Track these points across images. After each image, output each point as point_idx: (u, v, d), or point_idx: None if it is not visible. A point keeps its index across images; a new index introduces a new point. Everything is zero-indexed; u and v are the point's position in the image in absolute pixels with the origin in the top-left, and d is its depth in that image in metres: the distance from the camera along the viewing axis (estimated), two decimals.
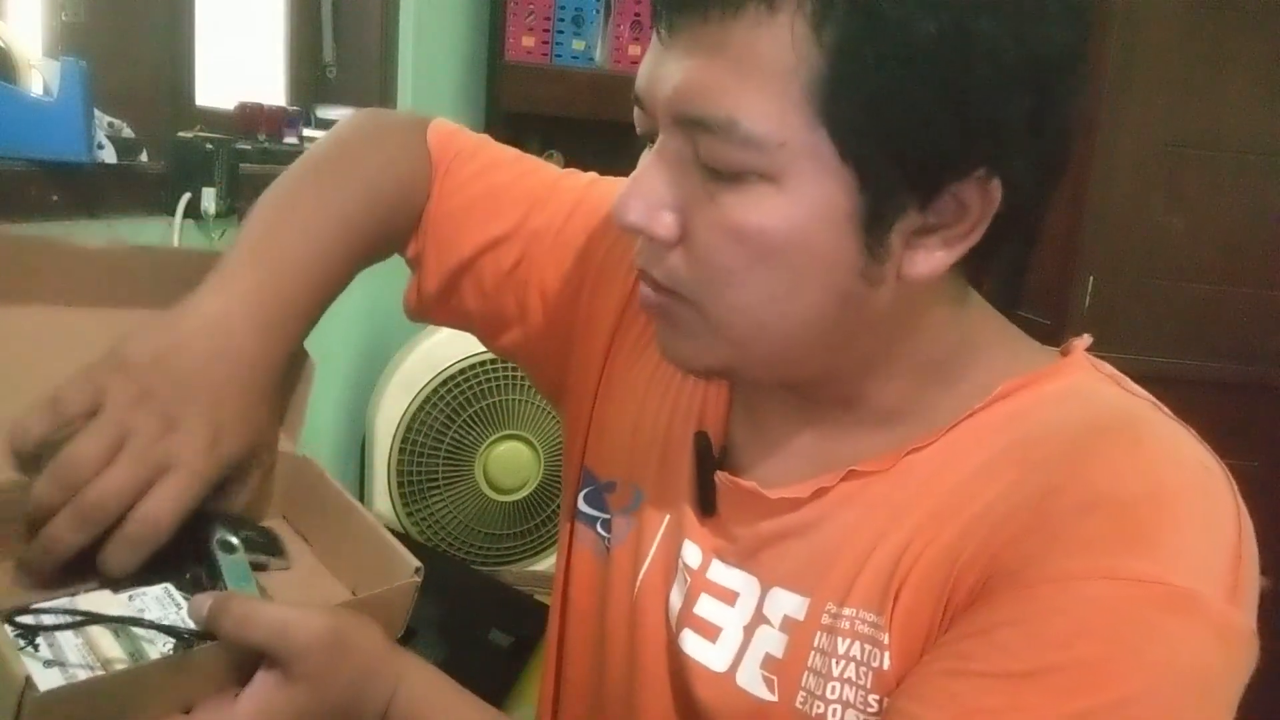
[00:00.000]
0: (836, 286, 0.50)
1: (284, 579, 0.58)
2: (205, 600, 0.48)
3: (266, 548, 0.59)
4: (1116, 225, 2.04)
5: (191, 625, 0.49)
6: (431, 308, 0.75)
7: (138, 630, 0.48)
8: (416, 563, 0.56)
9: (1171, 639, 0.45)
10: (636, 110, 0.53)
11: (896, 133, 0.45)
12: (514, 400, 1.59)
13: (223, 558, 0.54)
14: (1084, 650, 0.45)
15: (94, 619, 0.48)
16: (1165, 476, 0.48)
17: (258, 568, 0.56)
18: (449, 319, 0.77)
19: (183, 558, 0.54)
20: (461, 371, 1.56)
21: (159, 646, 0.48)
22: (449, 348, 1.54)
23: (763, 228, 0.48)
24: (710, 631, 0.58)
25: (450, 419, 1.56)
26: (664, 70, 0.49)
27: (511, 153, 0.76)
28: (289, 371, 0.63)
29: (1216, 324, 2.09)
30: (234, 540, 0.55)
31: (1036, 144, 0.48)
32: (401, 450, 1.56)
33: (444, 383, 1.55)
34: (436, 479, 1.59)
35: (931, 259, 0.49)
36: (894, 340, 0.54)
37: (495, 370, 1.55)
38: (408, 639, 0.78)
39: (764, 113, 0.46)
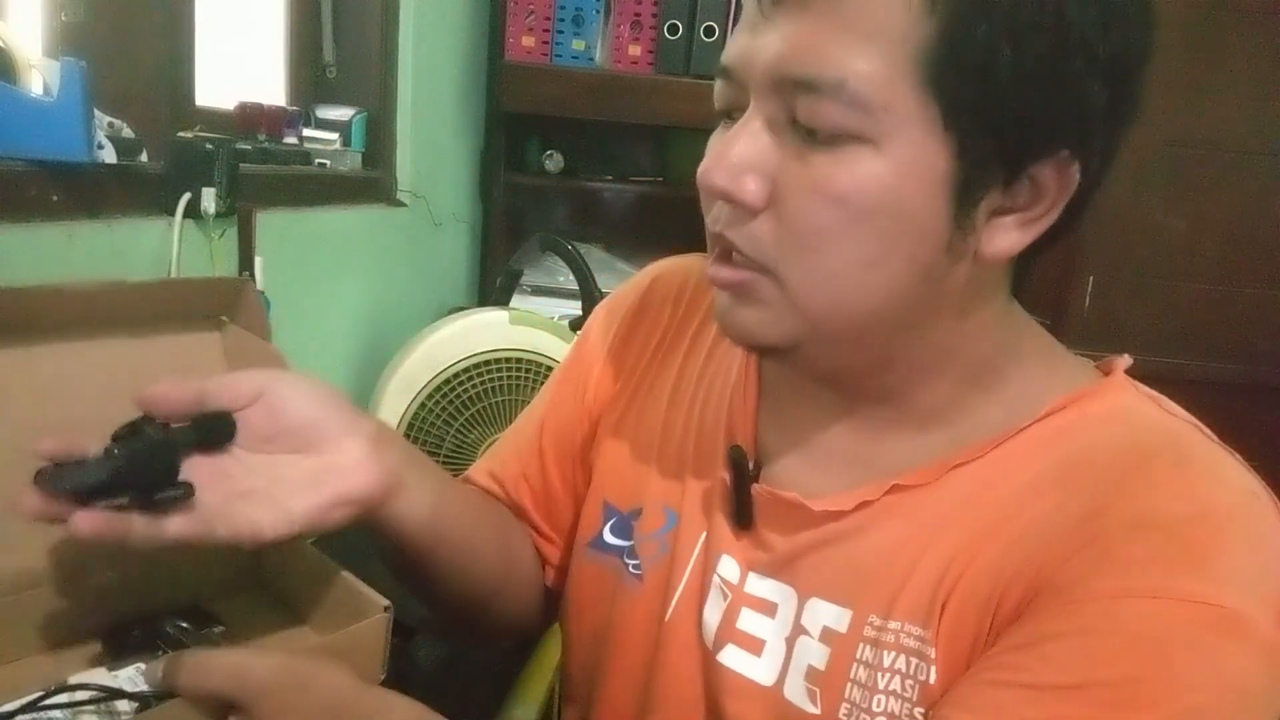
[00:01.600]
0: (922, 257, 0.50)
1: (259, 639, 0.62)
2: (159, 662, 0.48)
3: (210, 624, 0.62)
4: (1116, 225, 2.04)
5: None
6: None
7: (112, 708, 0.49)
8: (385, 602, 0.57)
9: (1219, 660, 0.45)
10: (720, 85, 0.53)
11: (997, 105, 0.47)
12: (514, 400, 1.59)
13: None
14: (1131, 667, 0.45)
15: (61, 690, 0.49)
16: (1214, 499, 0.49)
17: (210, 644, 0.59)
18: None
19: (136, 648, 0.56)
20: (462, 372, 1.56)
21: None
22: (449, 348, 1.55)
23: (859, 189, 0.48)
24: (754, 645, 0.58)
25: (450, 419, 1.56)
26: (765, 38, 0.49)
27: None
28: None
29: (1216, 324, 2.09)
30: (185, 627, 0.59)
31: (1111, 132, 0.50)
32: None
33: (444, 383, 1.55)
34: None
35: (1008, 239, 0.51)
36: (956, 329, 0.55)
37: (495, 370, 1.55)
38: (408, 638, 0.78)
39: (873, 74, 0.47)
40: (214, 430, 0.56)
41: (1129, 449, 0.51)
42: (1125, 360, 0.57)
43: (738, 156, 0.50)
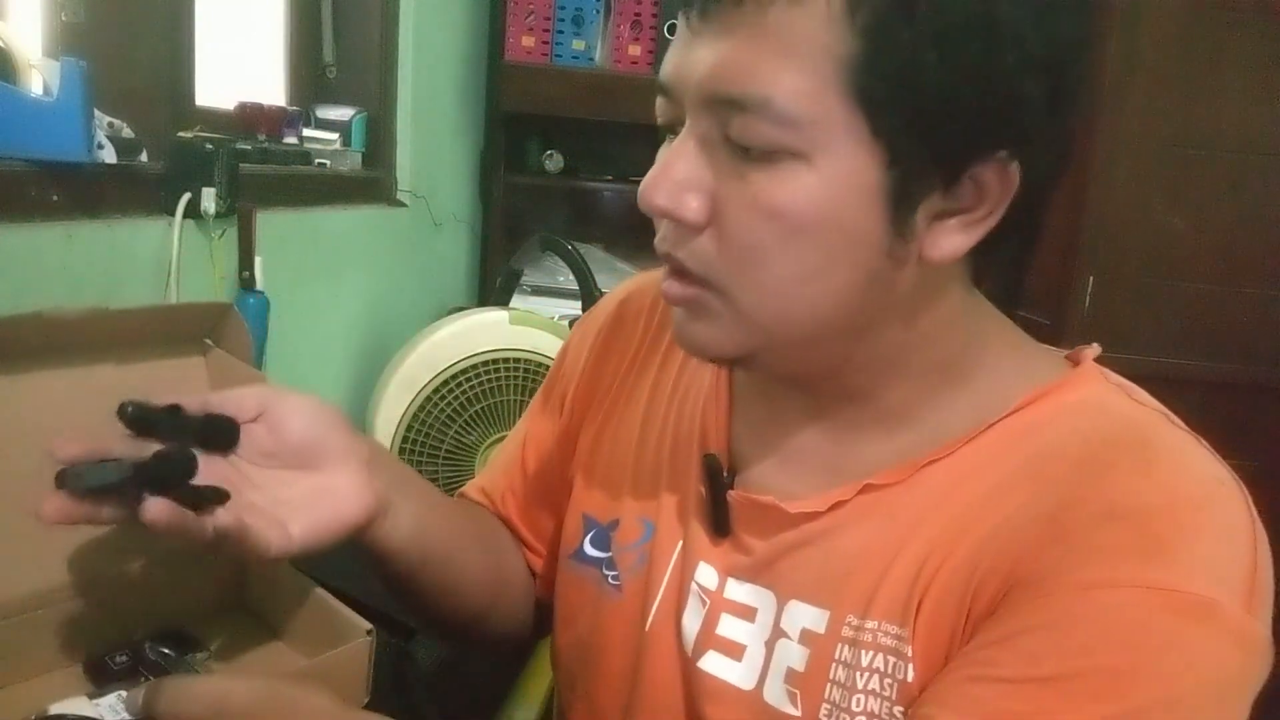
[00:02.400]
0: (864, 265, 0.50)
1: (243, 663, 0.63)
2: (140, 690, 0.48)
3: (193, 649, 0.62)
4: (1116, 225, 2.04)
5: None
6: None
7: None
8: (367, 625, 0.58)
9: (1191, 647, 0.45)
10: (660, 101, 0.53)
11: (926, 110, 0.46)
12: (514, 400, 1.59)
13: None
14: (1106, 657, 0.45)
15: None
16: (1182, 488, 0.49)
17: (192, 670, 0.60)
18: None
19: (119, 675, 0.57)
20: (462, 371, 1.56)
21: None
22: (449, 348, 1.55)
23: (795, 204, 0.48)
24: (735, 650, 0.58)
25: (450, 419, 1.56)
26: (696, 55, 0.49)
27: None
28: None
29: (1216, 324, 2.09)
30: (168, 653, 0.60)
31: (1053, 128, 0.49)
32: (401, 451, 1.56)
33: (444, 383, 1.55)
34: (437, 479, 1.59)
35: (952, 241, 0.50)
36: (911, 330, 0.54)
37: (495, 370, 1.56)
38: (408, 639, 0.78)
39: (798, 90, 0.46)
40: (219, 429, 0.57)
41: (1098, 441, 0.51)
42: (1094, 349, 0.57)
43: (677, 175, 0.51)
